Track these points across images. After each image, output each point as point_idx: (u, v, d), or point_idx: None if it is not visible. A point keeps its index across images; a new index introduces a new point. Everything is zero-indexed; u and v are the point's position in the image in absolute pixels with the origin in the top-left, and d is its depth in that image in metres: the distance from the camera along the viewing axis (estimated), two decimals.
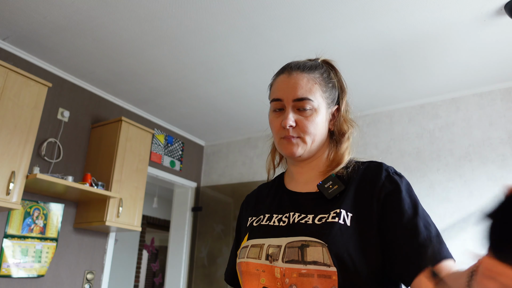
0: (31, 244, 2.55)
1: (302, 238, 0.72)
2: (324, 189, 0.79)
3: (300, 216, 0.77)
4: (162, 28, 2.37)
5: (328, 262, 0.67)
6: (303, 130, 0.82)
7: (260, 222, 0.84)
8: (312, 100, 0.83)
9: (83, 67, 2.87)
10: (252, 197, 0.98)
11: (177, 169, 3.90)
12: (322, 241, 0.69)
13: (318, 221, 0.74)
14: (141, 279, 6.30)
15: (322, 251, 0.68)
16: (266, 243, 0.76)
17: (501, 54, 2.51)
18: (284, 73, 0.88)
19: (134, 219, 2.90)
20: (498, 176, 2.69)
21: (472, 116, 2.93)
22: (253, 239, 0.81)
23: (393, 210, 0.73)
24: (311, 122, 0.82)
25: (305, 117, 0.82)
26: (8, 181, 2.17)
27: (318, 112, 0.83)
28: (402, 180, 0.78)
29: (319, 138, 0.85)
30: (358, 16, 2.19)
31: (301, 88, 0.83)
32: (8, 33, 2.48)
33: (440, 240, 0.70)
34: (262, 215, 0.86)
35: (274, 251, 0.73)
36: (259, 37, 2.41)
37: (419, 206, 0.74)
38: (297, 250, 0.70)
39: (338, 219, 0.72)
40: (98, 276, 2.96)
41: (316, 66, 0.88)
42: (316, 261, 0.67)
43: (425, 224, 0.71)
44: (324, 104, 0.85)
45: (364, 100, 3.20)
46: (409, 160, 3.07)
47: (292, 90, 0.83)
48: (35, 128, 2.36)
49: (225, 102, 3.35)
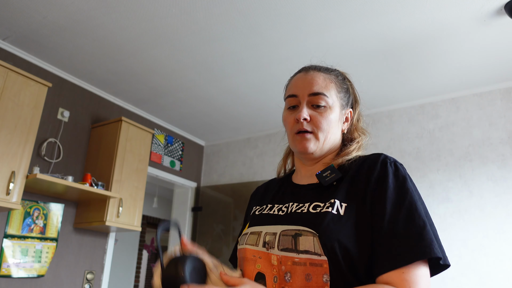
0: (31, 244, 2.55)
1: (296, 227, 0.74)
2: (322, 177, 0.81)
3: (298, 206, 0.80)
4: (162, 28, 2.37)
5: (319, 252, 0.69)
6: (317, 125, 0.83)
7: (261, 212, 0.87)
8: (327, 96, 0.84)
9: (83, 67, 2.87)
10: (261, 188, 1.01)
11: (177, 169, 3.90)
12: (314, 230, 0.71)
13: (312, 209, 0.76)
14: (141, 279, 6.30)
15: (313, 241, 0.70)
16: (264, 231, 0.79)
17: (501, 54, 2.50)
18: (301, 72, 0.90)
19: (134, 219, 2.90)
20: (498, 176, 2.69)
21: (472, 116, 2.93)
22: (253, 226, 0.84)
23: (378, 201, 0.72)
24: (325, 118, 0.84)
25: (319, 113, 0.84)
26: (8, 181, 2.17)
27: (332, 110, 0.85)
28: (396, 170, 0.76)
29: (331, 137, 0.86)
30: (358, 16, 2.19)
31: (317, 83, 0.85)
32: (8, 33, 2.48)
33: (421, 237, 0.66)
34: (265, 205, 0.89)
35: (270, 239, 0.76)
36: (259, 37, 2.41)
37: (407, 198, 0.71)
38: (291, 239, 0.72)
39: (331, 209, 0.73)
40: (98, 276, 2.96)
41: (332, 70, 0.91)
42: (308, 250, 0.70)
43: (406, 221, 0.68)
44: (338, 104, 0.87)
45: (364, 100, 3.18)
46: (409, 160, 3.07)
47: (308, 85, 0.85)
48: (35, 128, 2.36)
49: (225, 102, 3.35)
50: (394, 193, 0.73)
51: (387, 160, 0.78)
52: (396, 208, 0.71)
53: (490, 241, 2.59)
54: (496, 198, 2.66)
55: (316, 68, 0.89)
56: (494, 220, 2.62)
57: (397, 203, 0.71)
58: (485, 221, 2.65)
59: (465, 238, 2.68)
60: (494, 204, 2.65)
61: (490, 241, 2.60)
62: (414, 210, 0.70)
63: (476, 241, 2.64)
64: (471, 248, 2.64)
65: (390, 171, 0.76)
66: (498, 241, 2.57)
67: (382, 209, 0.71)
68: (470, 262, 2.62)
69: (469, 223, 2.70)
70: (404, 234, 0.67)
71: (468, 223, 2.70)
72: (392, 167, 0.77)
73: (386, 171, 0.76)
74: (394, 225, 0.69)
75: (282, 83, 3.50)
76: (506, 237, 2.55)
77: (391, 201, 0.71)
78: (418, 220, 0.68)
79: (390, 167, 0.76)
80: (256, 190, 1.03)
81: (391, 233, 0.68)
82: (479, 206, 2.70)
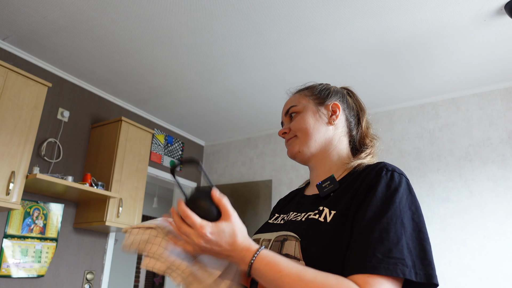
0: (31, 244, 2.55)
1: (285, 233, 0.77)
2: (320, 188, 0.83)
3: (296, 215, 0.83)
4: (162, 28, 2.37)
5: (298, 256, 0.71)
6: (294, 128, 0.90)
7: (268, 221, 0.93)
8: (296, 105, 0.92)
9: (83, 67, 2.87)
10: (282, 201, 1.04)
11: (177, 169, 3.90)
12: (297, 235, 0.74)
13: (304, 218, 0.78)
14: (141, 279, 6.30)
15: (295, 245, 0.72)
16: (262, 237, 0.84)
17: (501, 54, 2.50)
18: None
19: (134, 219, 2.90)
20: (498, 176, 2.69)
21: (472, 116, 2.93)
22: (255, 234, 0.90)
23: (362, 206, 0.71)
24: (299, 119, 0.90)
25: (294, 120, 0.91)
26: (8, 181, 2.17)
27: (304, 110, 0.91)
28: (390, 180, 0.74)
29: (314, 132, 0.88)
30: (358, 16, 2.19)
31: (288, 104, 0.95)
32: (8, 33, 2.48)
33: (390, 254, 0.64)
34: (274, 216, 0.95)
35: (265, 245, 0.80)
36: (259, 37, 2.41)
37: (390, 211, 0.69)
38: (279, 244, 0.76)
39: (318, 216, 0.75)
40: (98, 276, 2.96)
41: (310, 86, 0.97)
42: (288, 254, 0.72)
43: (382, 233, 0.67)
44: (312, 103, 0.91)
45: (364, 100, 3.16)
46: (409, 160, 3.07)
47: (284, 109, 0.96)
48: (35, 128, 2.35)
49: (225, 102, 3.35)
50: (379, 201, 0.71)
51: (383, 169, 0.76)
52: (377, 216, 0.69)
53: (490, 241, 2.59)
54: (496, 198, 2.66)
55: (292, 91, 0.98)
56: (494, 220, 2.62)
57: (379, 211, 0.69)
58: (485, 221, 2.65)
59: (465, 238, 2.68)
60: (494, 204, 2.65)
61: (490, 241, 2.59)
62: (393, 224, 0.67)
63: (476, 241, 2.64)
64: (471, 248, 2.64)
65: (383, 180, 0.74)
66: (498, 241, 2.57)
67: (363, 214, 0.70)
68: (470, 262, 2.62)
69: (469, 223, 2.70)
70: (374, 244, 0.65)
71: (468, 223, 2.70)
72: (387, 176, 0.74)
73: (379, 179, 0.74)
74: (369, 233, 0.67)
75: (282, 83, 3.48)
76: (506, 237, 2.55)
77: (374, 208, 0.70)
78: (392, 235, 0.66)
79: (384, 176, 0.74)
80: (277, 203, 1.06)
81: (365, 239, 0.67)
82: (479, 206, 2.70)
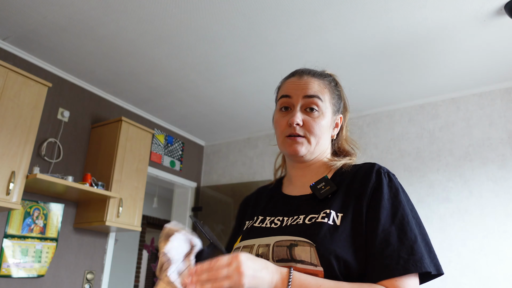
0: (31, 244, 2.55)
1: (291, 238, 0.73)
2: (316, 190, 0.80)
3: (293, 219, 0.79)
4: (162, 28, 2.37)
5: (315, 262, 0.68)
6: (309, 130, 0.83)
7: (253, 224, 0.86)
8: (321, 100, 0.85)
9: (83, 67, 2.87)
10: (251, 199, 0.99)
11: (177, 169, 3.90)
12: (311, 241, 0.70)
13: (308, 221, 0.75)
14: (141, 279, 6.30)
15: (310, 251, 0.69)
16: (256, 243, 0.78)
17: (501, 54, 2.50)
18: (294, 76, 0.89)
19: (134, 219, 2.90)
20: (498, 176, 2.69)
21: (472, 116, 2.93)
22: (245, 240, 0.83)
23: (373, 210, 0.73)
24: (318, 123, 0.84)
25: (312, 118, 0.84)
26: (8, 181, 2.17)
27: (325, 115, 0.85)
28: (390, 182, 0.78)
29: (322, 142, 0.86)
30: (358, 16, 2.18)
31: (312, 87, 0.85)
32: (8, 33, 2.48)
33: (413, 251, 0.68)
34: (256, 217, 0.88)
35: (264, 251, 0.75)
36: (258, 37, 2.41)
37: (399, 211, 0.73)
38: (286, 249, 0.72)
39: (327, 220, 0.73)
40: (98, 276, 2.96)
41: (325, 75, 0.90)
42: (303, 260, 0.69)
43: (400, 233, 0.70)
44: (331, 110, 0.87)
45: (364, 100, 3.19)
46: (409, 160, 3.07)
47: (303, 88, 0.85)
48: (35, 128, 2.36)
49: (225, 102, 3.35)
50: (388, 204, 0.74)
51: (381, 171, 0.79)
52: (390, 219, 0.72)
53: (490, 241, 2.59)
54: (496, 198, 2.66)
55: (310, 73, 0.88)
56: (494, 220, 2.62)
57: (390, 214, 0.72)
58: (485, 221, 2.65)
59: (465, 238, 2.68)
60: (494, 204, 2.65)
61: (490, 241, 2.59)
62: (406, 223, 0.71)
63: (476, 241, 2.64)
64: (471, 248, 2.64)
65: (385, 182, 0.77)
66: (498, 241, 2.57)
67: (376, 219, 0.72)
68: (470, 262, 2.62)
69: (469, 223, 2.70)
70: (396, 246, 0.69)
71: (468, 223, 2.70)
72: (386, 178, 0.78)
73: (381, 181, 0.77)
74: (387, 236, 0.70)
75: None
76: (506, 237, 2.55)
77: (385, 212, 0.72)
78: (410, 233, 0.70)
79: (384, 178, 0.77)
80: (245, 201, 1.01)
81: (384, 244, 0.69)
82: (479, 206, 2.70)
